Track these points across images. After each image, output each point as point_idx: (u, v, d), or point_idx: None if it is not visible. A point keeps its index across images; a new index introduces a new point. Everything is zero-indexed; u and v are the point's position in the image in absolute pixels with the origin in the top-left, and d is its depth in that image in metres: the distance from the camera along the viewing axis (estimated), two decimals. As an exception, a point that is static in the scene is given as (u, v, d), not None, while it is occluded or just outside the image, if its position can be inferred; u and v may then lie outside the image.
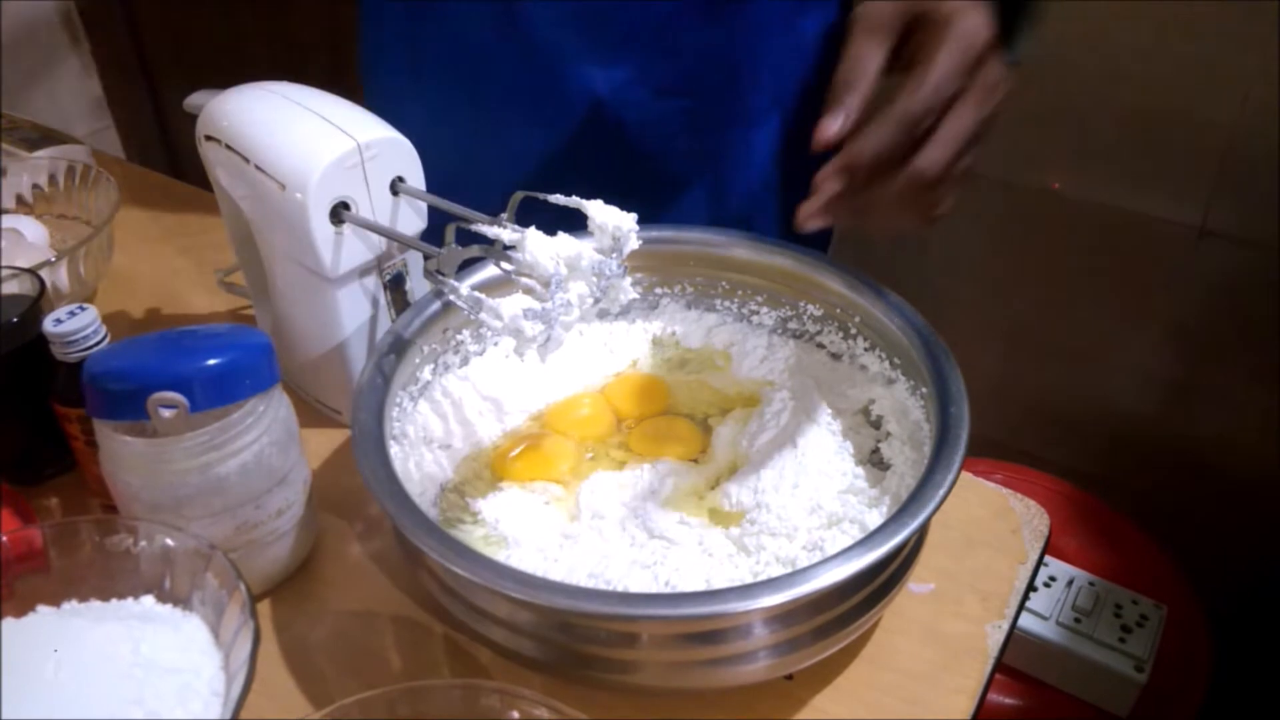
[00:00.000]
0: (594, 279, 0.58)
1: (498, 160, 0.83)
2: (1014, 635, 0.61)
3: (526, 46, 0.78)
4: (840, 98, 0.53)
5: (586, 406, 0.70)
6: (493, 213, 0.61)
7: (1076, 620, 1.10)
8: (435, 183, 0.67)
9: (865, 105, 0.54)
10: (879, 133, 0.52)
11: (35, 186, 0.91)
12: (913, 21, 0.56)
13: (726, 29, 0.78)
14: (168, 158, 2.15)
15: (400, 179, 0.66)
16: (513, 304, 0.58)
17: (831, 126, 0.53)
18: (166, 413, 0.52)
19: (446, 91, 0.84)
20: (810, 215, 0.54)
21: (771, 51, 0.80)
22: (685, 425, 0.68)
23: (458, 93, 0.84)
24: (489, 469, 0.66)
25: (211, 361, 0.54)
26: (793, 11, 0.80)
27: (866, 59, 0.55)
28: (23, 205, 0.91)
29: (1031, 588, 0.64)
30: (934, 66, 0.52)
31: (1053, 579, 1.14)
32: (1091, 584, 1.14)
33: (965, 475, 0.54)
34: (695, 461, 0.66)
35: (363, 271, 0.67)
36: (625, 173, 0.73)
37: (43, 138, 1.01)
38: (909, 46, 0.56)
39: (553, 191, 0.60)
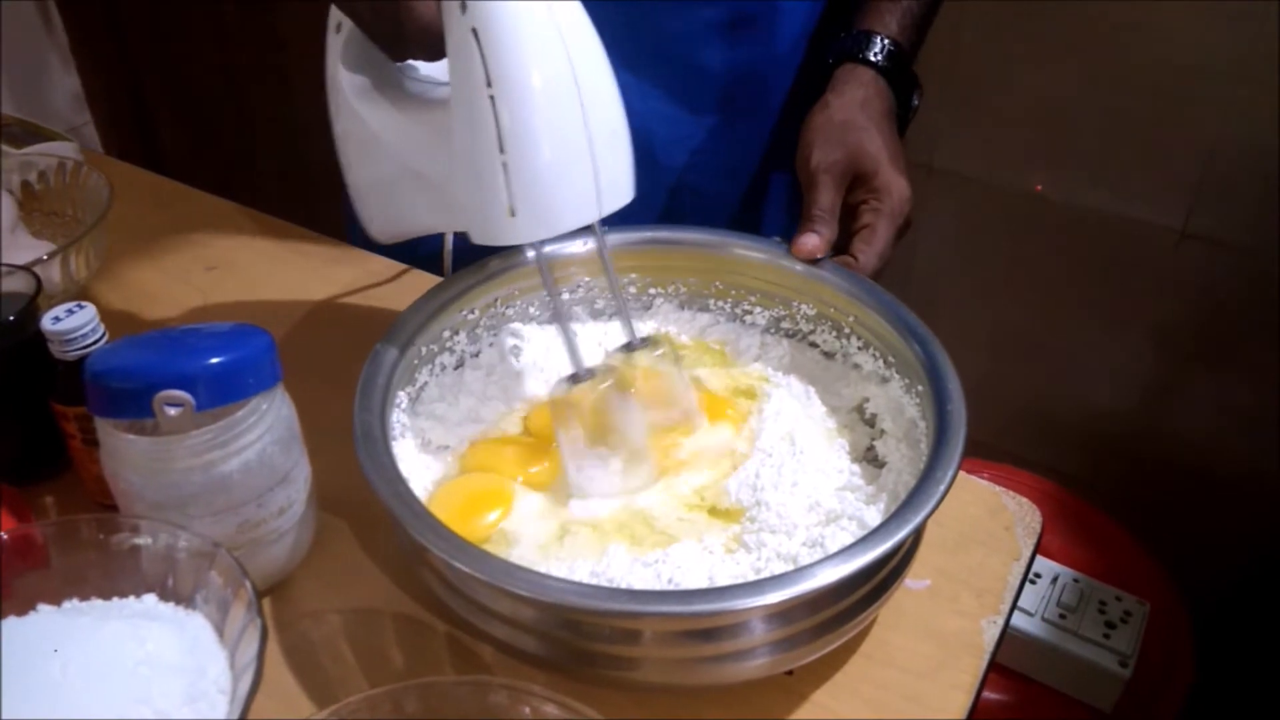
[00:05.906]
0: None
1: None
2: (1003, 632, 0.62)
3: None
4: (817, 227, 0.69)
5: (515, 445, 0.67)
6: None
7: (1061, 617, 1.12)
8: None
9: (832, 237, 0.70)
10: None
11: (24, 184, 0.90)
12: (855, 177, 0.71)
13: (751, 49, 0.79)
14: (146, 154, 2.13)
15: None
16: None
17: (811, 243, 0.68)
18: (172, 411, 0.52)
19: None
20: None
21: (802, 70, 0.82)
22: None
23: None
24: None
25: (215, 360, 0.54)
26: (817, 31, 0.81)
27: (833, 204, 0.71)
28: (19, 203, 0.90)
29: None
30: (878, 240, 0.70)
31: (1038, 576, 1.16)
32: (1076, 581, 1.15)
33: (959, 473, 0.55)
34: (693, 462, 0.66)
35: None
36: (652, 186, 0.73)
37: (30, 134, 1.00)
38: (851, 194, 0.72)
39: None
